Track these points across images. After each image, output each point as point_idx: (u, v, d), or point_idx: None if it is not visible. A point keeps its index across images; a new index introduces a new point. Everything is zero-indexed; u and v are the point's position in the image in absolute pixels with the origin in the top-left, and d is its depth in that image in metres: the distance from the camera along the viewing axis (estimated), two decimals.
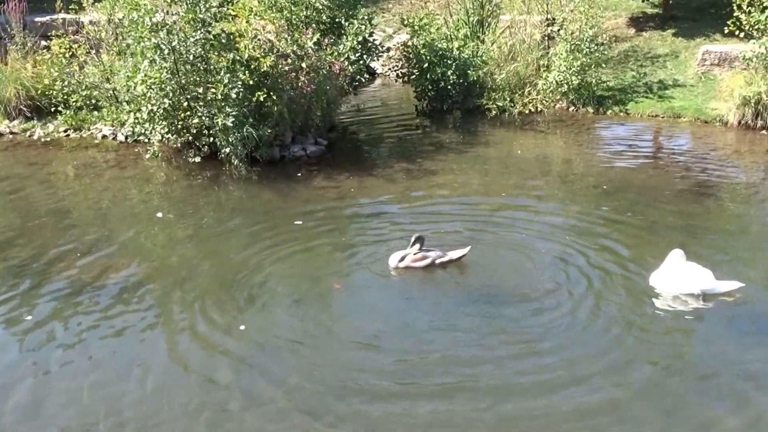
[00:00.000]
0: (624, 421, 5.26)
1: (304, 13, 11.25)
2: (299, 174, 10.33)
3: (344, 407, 5.45)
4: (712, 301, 6.69)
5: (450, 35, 13.49)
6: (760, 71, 11.53)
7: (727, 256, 7.61)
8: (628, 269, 7.34)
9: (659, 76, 13.47)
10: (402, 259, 7.43)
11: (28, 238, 8.46)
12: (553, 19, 13.46)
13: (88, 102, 12.17)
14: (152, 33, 9.83)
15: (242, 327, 6.52)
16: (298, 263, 7.71)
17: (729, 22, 11.80)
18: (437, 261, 7.44)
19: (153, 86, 9.99)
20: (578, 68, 12.56)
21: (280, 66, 10.33)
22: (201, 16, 9.84)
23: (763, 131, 11.41)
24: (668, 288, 6.84)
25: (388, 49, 14.36)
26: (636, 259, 7.52)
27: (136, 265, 7.72)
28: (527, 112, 12.78)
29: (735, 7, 11.64)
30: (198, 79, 10.08)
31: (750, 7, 11.47)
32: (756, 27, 11.41)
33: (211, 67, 9.99)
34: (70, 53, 12.06)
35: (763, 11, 11.36)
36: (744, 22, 11.49)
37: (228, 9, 10.28)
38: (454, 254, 7.50)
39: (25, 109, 12.44)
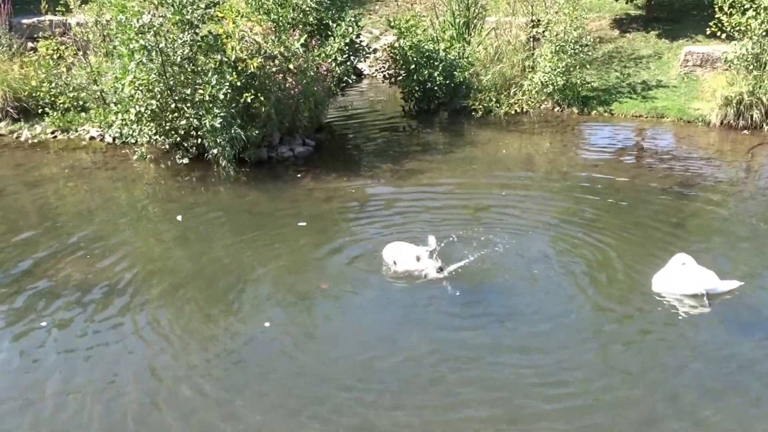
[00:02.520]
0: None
1: (291, 14, 11.31)
2: (287, 175, 10.38)
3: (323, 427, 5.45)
4: (714, 300, 6.81)
5: (436, 37, 13.59)
6: (742, 72, 11.71)
7: (711, 254, 7.72)
8: (615, 268, 7.45)
9: (643, 77, 13.62)
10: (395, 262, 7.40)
11: (14, 240, 8.48)
12: (538, 20, 13.58)
13: (75, 103, 12.17)
14: (139, 35, 9.86)
15: (267, 324, 6.55)
16: (284, 263, 7.76)
17: (711, 24, 11.98)
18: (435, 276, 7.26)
19: (140, 88, 10.02)
20: (563, 69, 12.69)
21: (267, 67, 10.38)
22: (188, 17, 9.88)
23: (745, 131, 11.58)
24: (672, 289, 6.94)
25: (375, 51, 14.45)
26: (622, 259, 7.62)
27: (123, 265, 7.75)
28: (513, 112, 12.89)
29: (716, 9, 11.80)
30: (185, 80, 10.10)
31: (731, 9, 11.64)
32: (737, 28, 11.58)
33: (199, 68, 10.02)
34: (58, 55, 12.06)
35: (743, 13, 11.53)
36: (725, 24, 11.66)
37: (215, 11, 10.33)
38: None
39: (12, 110, 12.43)
